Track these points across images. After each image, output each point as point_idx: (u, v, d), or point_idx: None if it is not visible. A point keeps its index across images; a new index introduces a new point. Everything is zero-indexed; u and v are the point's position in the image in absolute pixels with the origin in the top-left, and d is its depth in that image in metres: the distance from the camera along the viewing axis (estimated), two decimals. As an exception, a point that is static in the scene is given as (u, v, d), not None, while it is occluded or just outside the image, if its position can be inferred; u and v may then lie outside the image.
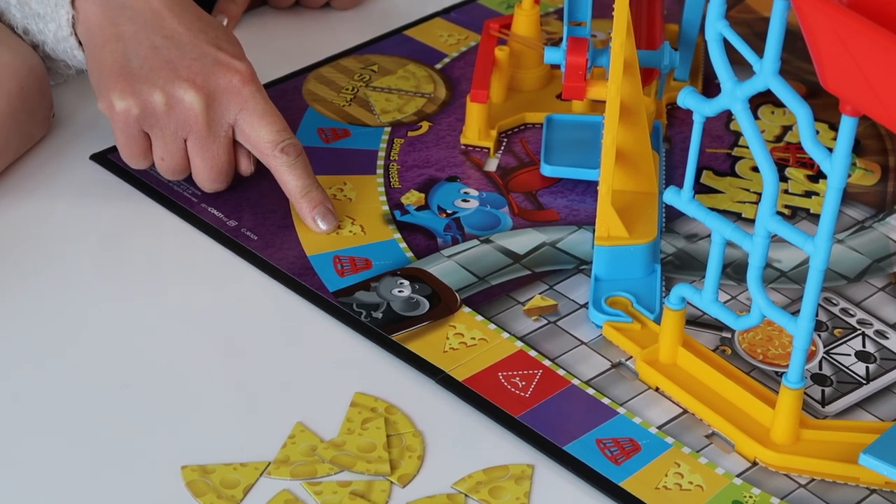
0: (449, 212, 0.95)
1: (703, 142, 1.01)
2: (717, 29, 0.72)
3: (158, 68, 0.90)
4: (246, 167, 0.94)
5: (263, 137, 0.92)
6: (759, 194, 0.74)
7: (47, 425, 0.79)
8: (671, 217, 0.95)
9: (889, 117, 0.66)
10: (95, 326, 0.86)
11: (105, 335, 0.85)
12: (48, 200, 0.95)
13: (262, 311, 0.88)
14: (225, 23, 1.12)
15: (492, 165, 1.00)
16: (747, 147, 0.97)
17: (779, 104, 1.05)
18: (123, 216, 0.94)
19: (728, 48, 0.72)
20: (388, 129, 1.02)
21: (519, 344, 0.85)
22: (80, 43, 0.94)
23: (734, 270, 0.91)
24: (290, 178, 0.92)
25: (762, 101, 1.05)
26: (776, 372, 0.84)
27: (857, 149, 1.02)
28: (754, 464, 0.79)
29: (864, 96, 0.66)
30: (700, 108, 0.75)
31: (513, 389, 0.82)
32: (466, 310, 0.88)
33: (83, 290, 0.89)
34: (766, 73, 0.70)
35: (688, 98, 0.75)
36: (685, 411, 0.82)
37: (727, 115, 1.04)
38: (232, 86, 0.91)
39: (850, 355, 0.86)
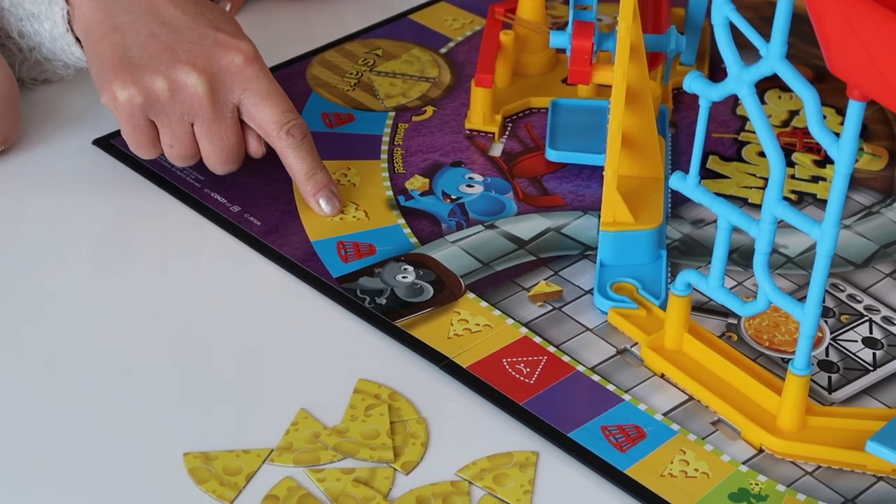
0: (453, 197, 0.95)
1: (709, 126, 1.00)
2: (723, 13, 0.71)
3: (158, 55, 0.89)
4: (256, 149, 0.93)
5: (268, 118, 0.91)
6: (766, 179, 0.74)
7: (50, 412, 0.79)
8: (677, 202, 0.94)
9: (897, 102, 0.65)
10: (97, 312, 0.86)
11: (107, 321, 0.85)
12: (51, 185, 0.95)
13: (266, 297, 0.87)
14: (228, 7, 1.12)
15: (497, 150, 0.99)
16: (754, 132, 0.96)
17: (786, 88, 1.04)
18: (126, 201, 0.94)
19: (735, 32, 0.71)
20: (392, 114, 1.02)
21: (524, 330, 0.85)
22: (77, 39, 0.94)
23: (740, 256, 0.90)
24: (294, 159, 0.92)
25: (769, 85, 1.04)
26: (782, 358, 0.84)
27: (865, 134, 1.01)
28: (760, 451, 0.79)
29: (872, 80, 0.65)
30: (706, 93, 0.75)
31: (517, 376, 0.82)
32: (471, 296, 0.87)
33: (85, 276, 0.89)
34: (773, 57, 0.70)
35: (694, 83, 0.75)
36: (691, 398, 0.81)
37: (733, 100, 1.03)
38: (234, 66, 0.90)
39: (856, 342, 0.85)
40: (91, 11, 0.91)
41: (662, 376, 0.83)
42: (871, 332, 0.86)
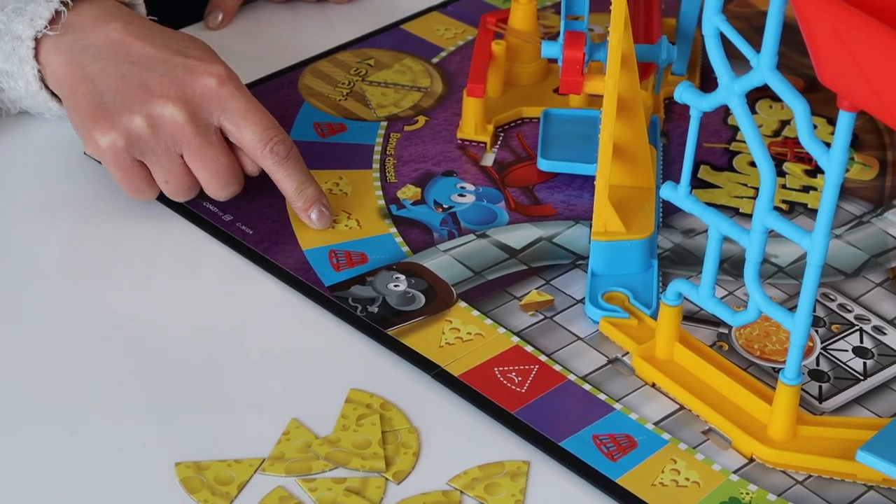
0: (445, 206, 0.95)
1: (700, 136, 1.00)
2: (714, 23, 0.71)
3: (132, 94, 0.89)
4: (251, 167, 0.92)
5: (250, 138, 0.90)
6: (757, 189, 0.74)
7: (41, 420, 0.79)
8: (668, 212, 0.95)
9: (887, 113, 0.66)
10: (88, 322, 0.86)
11: (98, 331, 0.85)
12: (42, 195, 0.95)
13: (257, 306, 0.88)
14: (220, 18, 1.12)
15: (488, 160, 0.99)
16: (745, 142, 0.96)
17: (777, 98, 1.04)
18: (117, 210, 0.94)
19: (726, 42, 0.72)
20: (384, 124, 1.02)
21: (515, 339, 0.85)
22: (53, 95, 0.94)
23: (731, 266, 0.91)
24: (282, 177, 0.91)
25: (760, 95, 1.04)
26: (773, 368, 0.84)
27: (855, 143, 1.02)
28: (751, 460, 0.79)
29: (862, 92, 0.66)
30: (697, 103, 0.75)
31: (509, 385, 0.82)
32: (462, 305, 0.87)
33: (77, 285, 0.88)
34: (764, 67, 0.70)
35: (685, 93, 0.75)
36: (682, 407, 0.82)
37: (725, 110, 1.03)
38: (209, 89, 0.89)
39: (847, 351, 0.86)
40: (62, 67, 0.91)
41: (654, 385, 0.83)
42: (861, 341, 0.86)
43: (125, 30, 0.91)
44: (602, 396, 0.82)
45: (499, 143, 1.01)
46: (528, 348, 0.85)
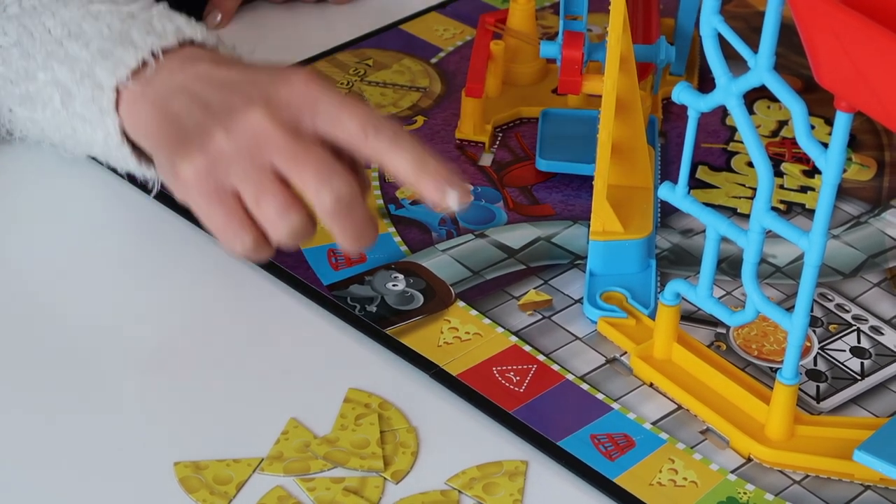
0: (444, 206, 0.95)
1: (698, 137, 1.00)
2: (711, 24, 0.72)
3: (214, 116, 0.79)
4: (360, 181, 0.80)
5: (351, 125, 0.78)
6: (755, 189, 0.74)
7: (39, 421, 0.79)
8: (666, 212, 0.95)
9: (885, 114, 0.66)
10: (86, 320, 0.86)
11: (95, 329, 0.85)
12: (44, 198, 0.95)
13: (255, 305, 0.88)
14: (219, 18, 1.12)
15: (487, 160, 0.99)
16: (743, 142, 0.96)
17: (774, 99, 1.04)
18: (116, 211, 0.94)
19: (724, 43, 0.72)
20: (383, 124, 1.02)
21: (513, 339, 0.85)
22: (133, 149, 0.86)
23: (729, 266, 0.91)
24: (396, 158, 0.78)
25: (758, 95, 1.05)
26: (771, 368, 0.84)
27: (853, 144, 1.02)
28: (749, 460, 0.79)
29: (860, 93, 0.66)
30: (695, 104, 0.75)
31: (507, 384, 0.82)
32: (461, 304, 0.87)
33: (73, 284, 0.89)
34: (761, 68, 0.70)
35: (682, 94, 0.75)
36: (680, 407, 0.82)
37: (723, 110, 1.03)
38: (296, 90, 0.79)
39: (845, 351, 0.86)
40: (148, 114, 0.82)
41: (651, 385, 0.83)
42: (859, 341, 0.87)
43: (213, 64, 0.83)
44: (600, 396, 0.82)
45: (497, 143, 1.01)
46: (527, 348, 0.85)
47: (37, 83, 0.88)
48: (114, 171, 0.95)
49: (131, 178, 0.95)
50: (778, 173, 0.98)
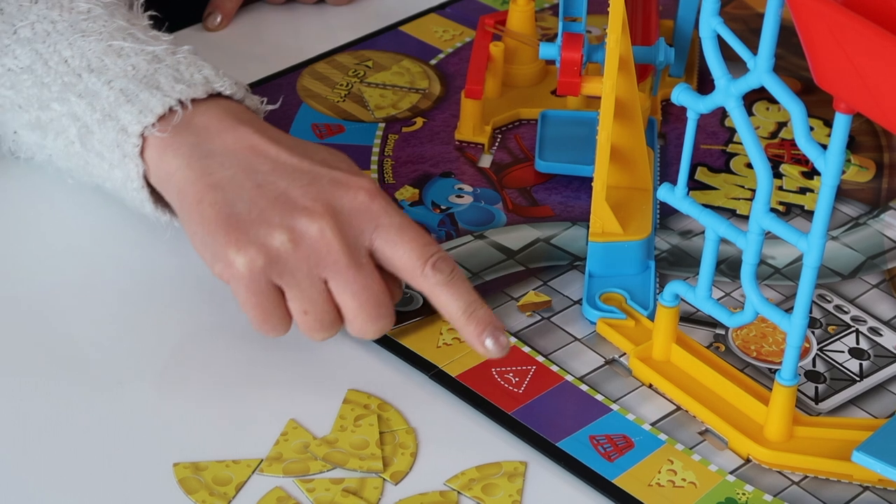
0: (443, 207, 0.95)
1: (697, 138, 1.01)
2: (711, 25, 0.72)
3: (270, 205, 0.78)
4: (397, 294, 0.82)
5: (408, 256, 0.79)
6: (754, 191, 0.74)
7: (39, 423, 0.79)
8: (666, 213, 0.95)
9: (884, 115, 0.66)
10: (87, 321, 0.86)
11: (95, 330, 0.85)
12: (42, 200, 0.95)
13: (256, 307, 0.88)
14: (219, 20, 1.12)
15: (486, 161, 0.99)
16: (742, 143, 0.97)
17: (774, 101, 1.05)
18: (109, 212, 0.94)
19: (723, 44, 0.72)
20: (382, 125, 1.02)
21: (513, 340, 0.85)
22: (151, 193, 0.84)
23: (728, 267, 0.91)
24: (448, 298, 0.79)
25: (757, 97, 1.05)
26: (770, 369, 0.84)
27: (852, 145, 1.02)
28: (747, 461, 0.79)
29: (859, 94, 0.66)
30: (694, 105, 0.75)
31: (506, 385, 0.82)
32: (460, 306, 0.87)
33: (73, 282, 0.89)
34: (760, 70, 0.70)
35: (681, 95, 0.75)
36: (678, 408, 0.82)
37: (722, 111, 1.04)
38: (359, 203, 0.79)
39: (843, 352, 0.86)
40: (181, 172, 0.80)
41: (650, 386, 0.83)
42: (857, 342, 0.87)
43: (258, 135, 0.81)
44: (599, 397, 0.82)
45: (496, 144, 1.01)
46: (526, 349, 0.85)
47: (50, 112, 0.86)
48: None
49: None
50: (777, 175, 0.99)
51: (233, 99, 0.86)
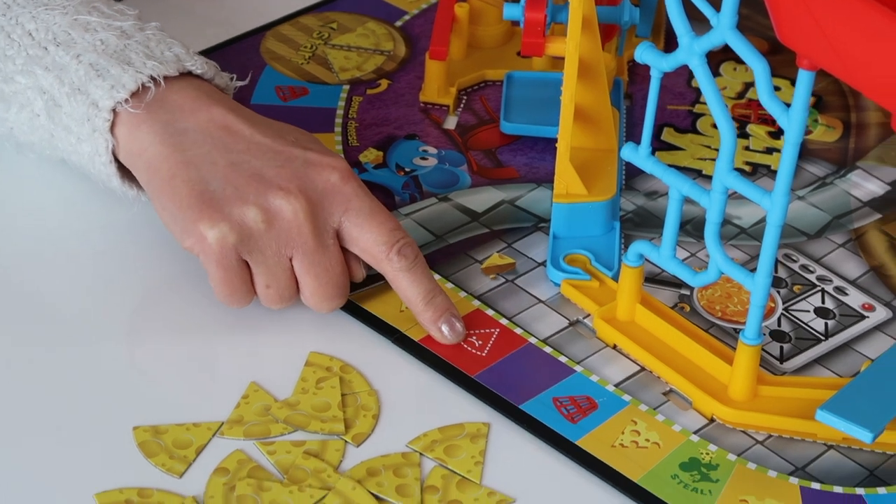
0: (407, 170, 0.94)
1: (663, 99, 1.00)
2: (673, -18, 0.71)
3: (245, 184, 0.79)
4: (359, 274, 0.83)
5: (374, 240, 0.81)
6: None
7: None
8: (631, 174, 0.94)
9: (846, 71, 0.65)
10: (47, 289, 0.85)
11: (55, 297, 0.84)
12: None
13: (218, 271, 0.87)
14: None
15: (451, 123, 0.99)
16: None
17: (741, 61, 1.04)
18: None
19: (688, 4, 0.71)
20: (346, 87, 1.01)
21: (476, 303, 0.85)
22: (118, 169, 0.84)
23: (693, 227, 0.90)
24: (408, 284, 0.81)
25: (724, 57, 1.04)
26: (735, 329, 0.84)
27: (819, 105, 1.02)
28: (711, 420, 0.79)
29: (822, 50, 0.65)
30: (657, 63, 0.75)
31: (469, 349, 0.82)
32: (424, 268, 0.87)
33: (35, 255, 0.88)
34: (724, 27, 0.70)
35: (645, 53, 0.75)
36: (643, 369, 0.81)
37: (689, 72, 1.03)
38: (331, 185, 0.81)
39: (809, 312, 0.86)
40: (153, 147, 0.81)
41: (615, 347, 0.83)
42: (823, 302, 0.86)
43: (231, 115, 0.82)
44: (563, 359, 0.82)
45: (461, 106, 1.00)
46: (489, 312, 0.84)
47: (14, 85, 0.85)
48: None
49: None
50: (744, 135, 0.98)
51: (203, 78, 0.85)
